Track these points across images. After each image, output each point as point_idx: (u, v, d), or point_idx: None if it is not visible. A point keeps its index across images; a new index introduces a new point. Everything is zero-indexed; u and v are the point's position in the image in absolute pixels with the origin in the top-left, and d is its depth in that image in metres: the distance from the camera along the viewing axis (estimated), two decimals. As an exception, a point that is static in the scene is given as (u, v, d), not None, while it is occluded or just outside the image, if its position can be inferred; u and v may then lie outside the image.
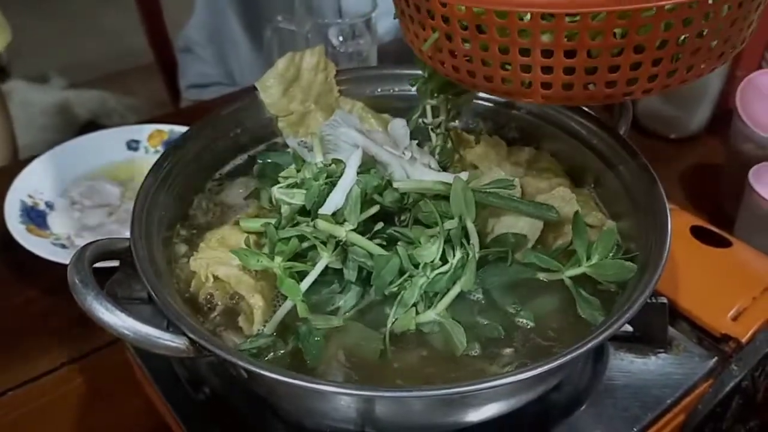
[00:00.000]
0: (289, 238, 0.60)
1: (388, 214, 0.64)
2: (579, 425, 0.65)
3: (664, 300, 0.66)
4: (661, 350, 0.71)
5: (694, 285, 0.74)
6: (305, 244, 0.61)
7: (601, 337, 0.53)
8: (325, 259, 0.60)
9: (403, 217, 0.65)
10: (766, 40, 1.13)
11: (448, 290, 0.59)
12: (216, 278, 0.61)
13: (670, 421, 0.68)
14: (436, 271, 0.59)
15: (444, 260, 0.60)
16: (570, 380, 0.68)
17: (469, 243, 0.60)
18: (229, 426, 0.66)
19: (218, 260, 0.62)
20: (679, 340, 0.72)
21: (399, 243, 0.61)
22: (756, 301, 0.73)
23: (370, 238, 0.61)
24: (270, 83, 0.79)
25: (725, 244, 0.79)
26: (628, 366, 0.70)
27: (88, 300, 0.52)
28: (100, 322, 0.52)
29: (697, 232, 0.80)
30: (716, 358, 0.70)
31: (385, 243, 0.62)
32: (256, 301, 0.59)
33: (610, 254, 0.63)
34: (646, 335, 0.69)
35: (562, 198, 0.69)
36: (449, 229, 0.60)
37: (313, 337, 0.57)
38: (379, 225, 0.62)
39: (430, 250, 0.59)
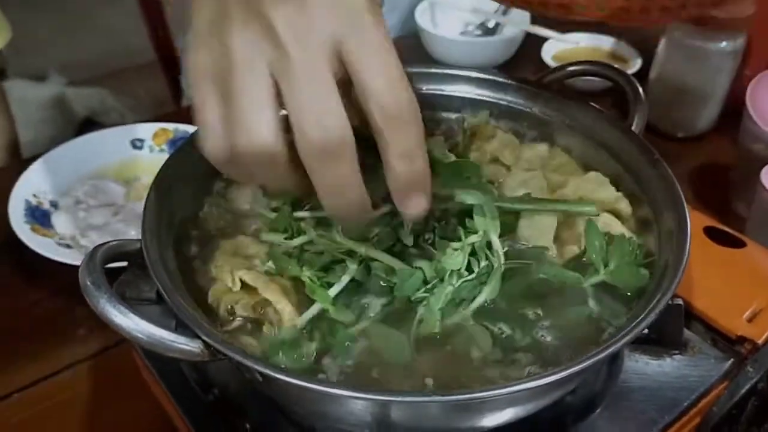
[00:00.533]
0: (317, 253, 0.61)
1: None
2: (594, 429, 0.64)
3: (680, 302, 0.65)
4: (676, 352, 0.70)
5: (709, 286, 0.73)
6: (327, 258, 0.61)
7: (620, 343, 0.53)
8: (351, 272, 0.60)
9: (427, 236, 0.64)
10: (776, 39, 1.13)
11: (474, 297, 0.59)
12: (243, 283, 0.60)
13: (686, 423, 0.67)
14: (462, 280, 0.58)
15: (469, 270, 0.60)
16: (585, 383, 0.67)
17: (493, 254, 0.60)
18: (239, 428, 0.65)
19: (242, 265, 0.62)
20: (694, 341, 0.71)
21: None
22: (772, 302, 0.72)
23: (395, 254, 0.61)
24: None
25: (739, 244, 0.78)
26: (644, 368, 0.69)
27: (101, 303, 0.51)
28: (113, 324, 0.51)
29: (711, 233, 0.79)
30: (732, 359, 0.70)
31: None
32: (284, 306, 0.58)
33: (626, 258, 0.63)
34: (662, 337, 0.69)
35: (596, 180, 0.69)
36: (473, 243, 0.60)
37: (342, 333, 0.57)
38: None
39: (456, 260, 0.59)
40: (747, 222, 0.95)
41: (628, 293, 0.64)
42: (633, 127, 0.75)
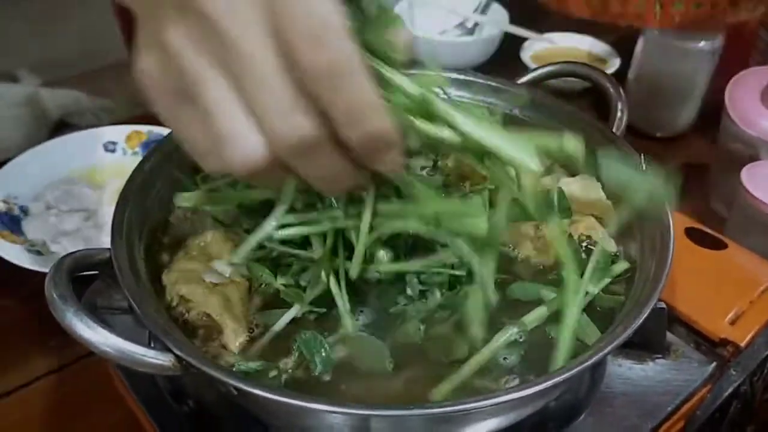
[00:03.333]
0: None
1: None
2: (578, 436, 0.64)
3: (663, 305, 0.65)
4: (659, 356, 0.69)
5: (691, 289, 0.73)
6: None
7: (602, 353, 0.52)
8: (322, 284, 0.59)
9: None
10: (754, 38, 1.13)
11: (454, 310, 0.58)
12: (181, 298, 0.59)
13: (670, 428, 0.67)
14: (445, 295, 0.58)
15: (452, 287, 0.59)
16: (568, 389, 0.66)
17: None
18: (216, 441, 0.63)
19: (188, 276, 0.60)
20: (677, 345, 0.70)
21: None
22: (754, 304, 0.72)
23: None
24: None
25: (720, 246, 0.78)
26: (626, 372, 0.68)
27: (68, 316, 0.49)
28: (80, 339, 0.49)
29: (692, 234, 0.78)
30: (715, 363, 0.69)
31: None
32: (225, 320, 0.57)
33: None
34: (645, 341, 0.68)
35: (586, 182, 0.69)
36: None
37: (320, 346, 0.55)
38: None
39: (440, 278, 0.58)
40: (727, 222, 0.94)
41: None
42: (614, 129, 0.74)
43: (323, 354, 0.56)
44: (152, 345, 0.59)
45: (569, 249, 0.58)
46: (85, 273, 0.59)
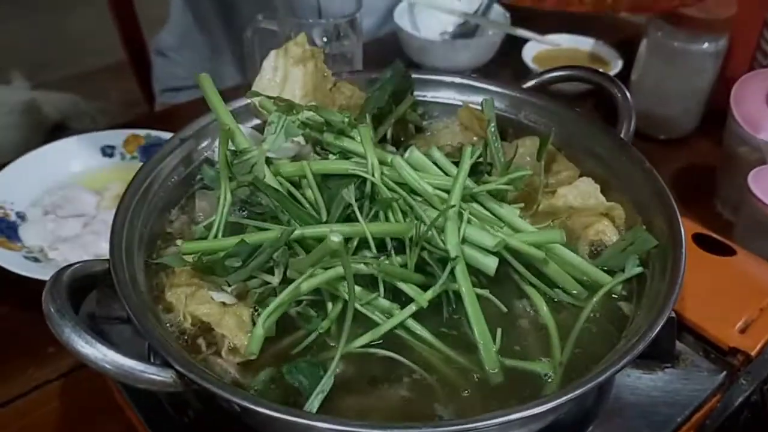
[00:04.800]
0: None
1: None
2: (587, 447, 0.62)
3: (673, 314, 0.63)
4: (669, 365, 0.68)
5: (700, 296, 0.71)
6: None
7: (613, 369, 0.51)
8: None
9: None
10: (757, 40, 1.12)
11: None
12: (193, 317, 0.58)
13: (680, 439, 0.65)
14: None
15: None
16: (577, 401, 0.65)
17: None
18: (215, 452, 0.62)
19: (197, 295, 0.59)
20: (686, 354, 0.69)
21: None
22: (764, 312, 0.71)
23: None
24: (263, 90, 0.75)
25: (729, 252, 0.77)
26: (636, 382, 0.67)
27: (66, 332, 0.48)
28: (78, 355, 0.48)
29: (700, 240, 0.77)
30: (725, 372, 0.68)
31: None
32: (241, 341, 0.56)
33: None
34: (654, 351, 0.66)
35: (588, 189, 0.69)
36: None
37: (316, 373, 0.54)
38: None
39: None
40: (734, 228, 0.93)
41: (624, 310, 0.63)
42: (623, 134, 0.73)
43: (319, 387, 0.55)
44: (152, 358, 0.58)
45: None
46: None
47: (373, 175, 0.63)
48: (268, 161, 0.65)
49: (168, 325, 0.58)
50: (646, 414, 0.64)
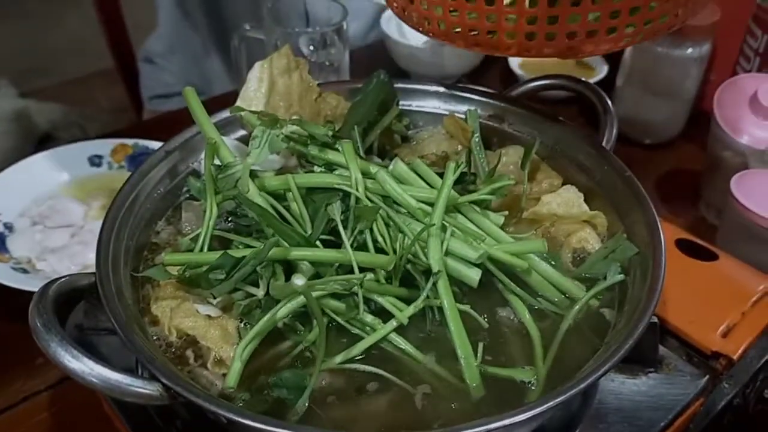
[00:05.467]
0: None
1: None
2: (572, 453, 0.63)
3: (655, 320, 0.64)
4: (652, 370, 0.69)
5: (682, 301, 0.72)
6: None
7: (592, 377, 0.51)
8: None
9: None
10: (739, 46, 1.13)
11: None
12: (179, 330, 0.58)
13: (663, 443, 0.66)
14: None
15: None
16: (561, 406, 0.65)
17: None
18: (204, 462, 0.62)
19: (182, 308, 0.59)
20: (669, 358, 0.70)
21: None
22: (746, 316, 0.72)
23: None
24: (249, 103, 0.75)
25: (711, 257, 0.78)
26: (619, 387, 0.68)
27: (52, 347, 0.48)
28: (65, 370, 0.48)
29: (683, 245, 0.78)
30: (707, 376, 0.69)
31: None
32: (226, 352, 0.56)
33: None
34: (637, 355, 0.67)
35: (571, 198, 0.70)
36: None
37: (300, 383, 0.54)
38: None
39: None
40: (717, 231, 0.94)
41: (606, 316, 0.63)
42: (604, 142, 0.74)
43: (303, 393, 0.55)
44: (140, 370, 0.58)
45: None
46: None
47: (357, 190, 0.64)
48: (254, 174, 0.66)
49: (155, 338, 0.58)
50: (630, 418, 0.65)
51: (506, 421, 0.48)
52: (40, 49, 3.08)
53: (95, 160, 1.09)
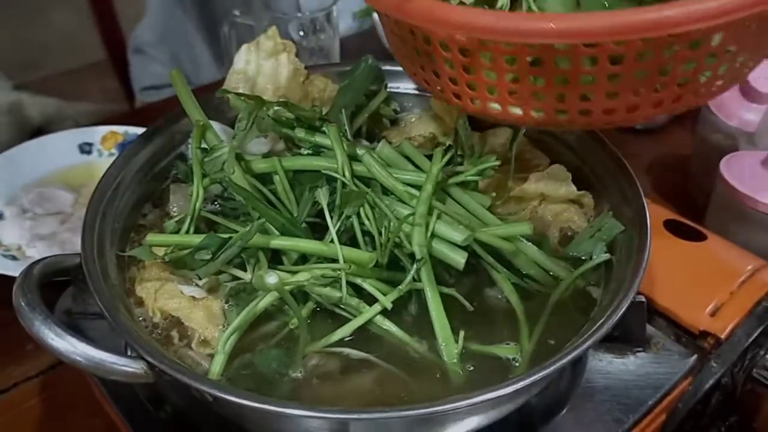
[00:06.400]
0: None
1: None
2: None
3: (642, 299, 0.64)
4: (640, 349, 0.69)
5: (671, 281, 0.72)
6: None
7: (579, 350, 0.51)
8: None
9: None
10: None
11: None
12: (163, 312, 0.58)
13: (652, 422, 0.66)
14: None
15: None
16: (550, 383, 0.65)
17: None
18: (194, 446, 0.62)
19: (166, 289, 0.59)
20: (657, 338, 0.70)
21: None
22: (733, 295, 0.72)
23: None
24: (235, 86, 0.75)
25: (700, 237, 0.78)
26: (607, 367, 0.68)
27: (36, 325, 0.48)
28: (49, 348, 0.48)
29: (671, 226, 0.78)
30: (695, 355, 0.69)
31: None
32: (211, 333, 0.56)
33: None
34: (625, 334, 0.68)
35: (559, 176, 0.69)
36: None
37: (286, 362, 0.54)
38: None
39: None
40: (706, 213, 0.94)
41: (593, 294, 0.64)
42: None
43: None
44: (129, 352, 0.58)
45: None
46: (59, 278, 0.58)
47: (343, 174, 0.63)
48: (240, 157, 0.66)
49: (141, 318, 0.58)
50: (618, 397, 0.65)
51: (482, 397, 0.48)
52: (31, 41, 3.07)
53: (85, 148, 1.09)
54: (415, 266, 0.59)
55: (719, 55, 0.54)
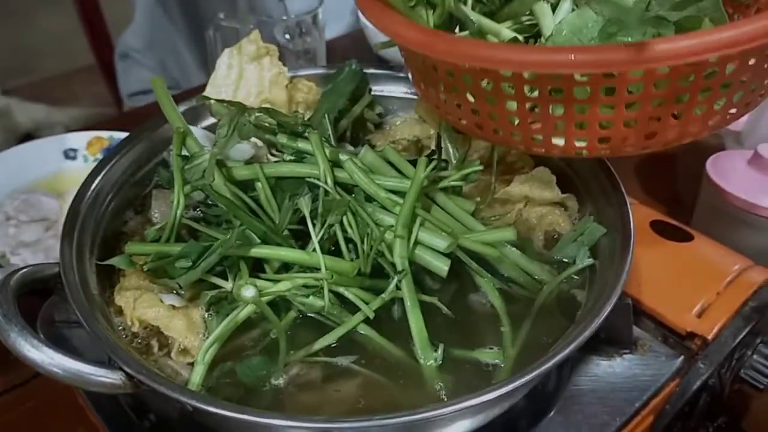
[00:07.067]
0: None
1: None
2: (548, 434, 0.63)
3: (629, 301, 0.64)
4: (627, 351, 0.69)
5: (657, 282, 0.72)
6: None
7: (564, 353, 0.51)
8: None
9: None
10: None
11: None
12: (141, 321, 0.57)
13: (639, 424, 0.66)
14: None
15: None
16: (536, 387, 0.65)
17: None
18: (177, 455, 0.62)
19: (145, 298, 0.58)
20: (644, 339, 0.70)
21: None
22: (720, 296, 0.71)
23: None
24: (217, 91, 0.74)
25: (686, 238, 0.77)
26: (594, 369, 0.67)
27: (12, 336, 0.47)
28: (25, 360, 0.48)
29: (658, 227, 0.78)
30: (682, 356, 0.69)
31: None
32: (190, 342, 0.55)
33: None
34: (611, 336, 0.67)
35: (543, 179, 0.68)
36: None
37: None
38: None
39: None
40: (693, 213, 0.94)
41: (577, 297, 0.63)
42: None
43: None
44: (111, 362, 0.57)
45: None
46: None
47: (325, 182, 0.63)
48: (222, 164, 0.65)
49: (120, 327, 0.58)
50: (605, 400, 0.65)
51: (464, 404, 0.47)
52: (20, 47, 3.06)
53: (70, 154, 1.08)
54: (395, 278, 0.59)
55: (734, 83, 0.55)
